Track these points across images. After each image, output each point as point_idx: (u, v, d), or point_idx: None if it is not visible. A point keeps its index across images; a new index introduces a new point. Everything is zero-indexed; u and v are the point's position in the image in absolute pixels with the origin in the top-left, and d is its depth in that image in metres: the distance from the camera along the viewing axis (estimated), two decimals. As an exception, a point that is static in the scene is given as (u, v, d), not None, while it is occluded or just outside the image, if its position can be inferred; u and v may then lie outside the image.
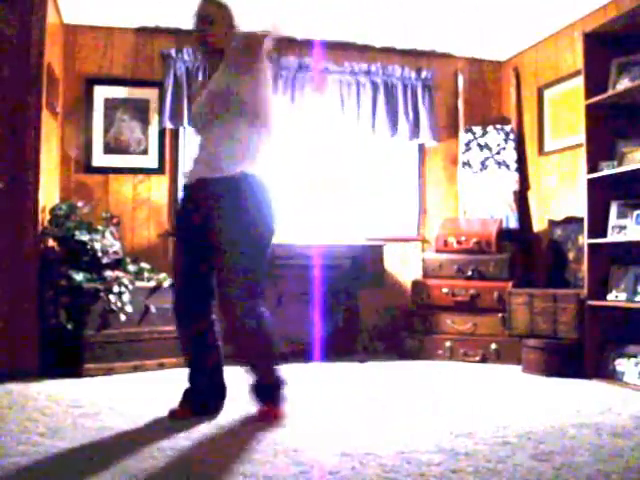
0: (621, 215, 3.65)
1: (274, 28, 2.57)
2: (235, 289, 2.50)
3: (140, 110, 4.57)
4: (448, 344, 4.31)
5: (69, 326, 3.55)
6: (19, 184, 3.54)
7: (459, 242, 4.49)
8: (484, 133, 4.95)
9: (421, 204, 5.11)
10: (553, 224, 4.54)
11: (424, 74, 4.96)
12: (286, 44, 4.69)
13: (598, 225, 3.71)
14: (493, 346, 4.20)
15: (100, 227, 3.92)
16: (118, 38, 4.56)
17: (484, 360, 4.21)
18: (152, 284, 3.91)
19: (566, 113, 4.47)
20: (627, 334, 3.60)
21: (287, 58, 4.68)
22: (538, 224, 4.78)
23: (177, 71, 4.51)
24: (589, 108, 3.74)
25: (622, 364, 3.50)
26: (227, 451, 2.17)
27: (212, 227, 2.54)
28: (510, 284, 4.22)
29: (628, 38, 3.67)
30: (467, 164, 4.96)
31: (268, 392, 2.65)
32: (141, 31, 4.58)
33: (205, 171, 2.58)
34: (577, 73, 4.11)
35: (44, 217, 3.76)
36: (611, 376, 3.54)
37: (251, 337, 2.57)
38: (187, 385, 2.72)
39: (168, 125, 4.49)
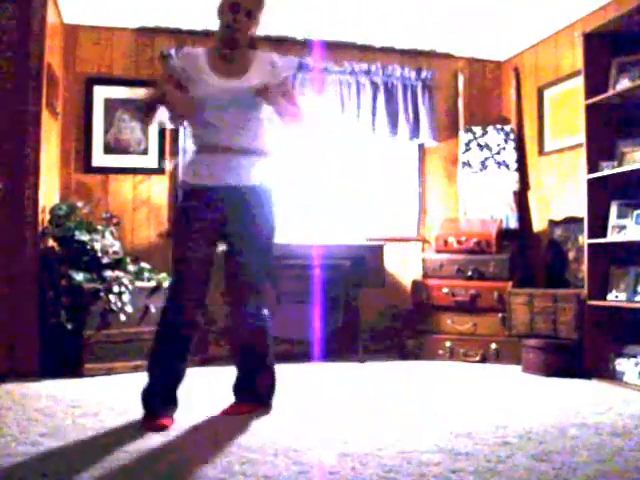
0: (621, 215, 3.65)
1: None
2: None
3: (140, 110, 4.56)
4: (448, 344, 4.31)
5: (69, 326, 3.55)
6: (19, 184, 3.54)
7: (459, 242, 4.49)
8: (484, 133, 4.95)
9: (421, 204, 5.11)
10: (553, 224, 4.54)
11: (424, 74, 4.95)
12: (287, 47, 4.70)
13: (598, 225, 3.71)
14: (493, 346, 4.20)
15: (100, 227, 3.92)
16: (118, 38, 4.56)
17: (484, 360, 4.21)
18: (152, 284, 3.91)
19: (566, 113, 4.47)
20: (627, 334, 3.60)
21: (287, 58, 4.67)
22: (538, 224, 4.78)
23: (177, 71, 4.51)
24: (589, 108, 3.74)
25: (622, 364, 3.50)
26: (228, 451, 2.18)
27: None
28: (510, 284, 4.22)
29: (628, 38, 3.67)
30: (467, 164, 4.95)
31: (262, 391, 2.74)
32: (141, 31, 4.58)
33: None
34: (577, 73, 4.11)
35: (44, 217, 3.76)
36: (611, 376, 3.54)
37: (257, 335, 2.69)
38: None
39: (168, 125, 4.49)
